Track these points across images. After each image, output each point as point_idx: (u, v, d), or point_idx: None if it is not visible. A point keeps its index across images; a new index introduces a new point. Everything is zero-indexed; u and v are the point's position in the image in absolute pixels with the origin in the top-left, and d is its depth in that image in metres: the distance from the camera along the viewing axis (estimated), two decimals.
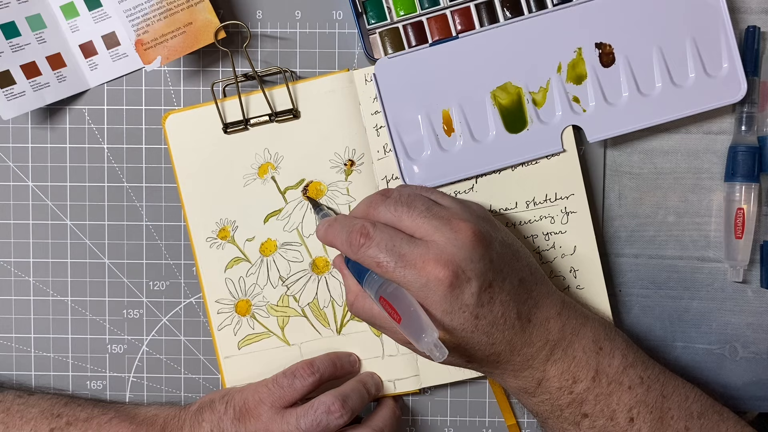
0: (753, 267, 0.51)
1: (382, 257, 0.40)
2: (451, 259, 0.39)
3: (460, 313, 0.40)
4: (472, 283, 0.40)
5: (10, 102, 0.48)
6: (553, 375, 0.43)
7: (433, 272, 0.39)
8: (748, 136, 0.49)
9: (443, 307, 0.40)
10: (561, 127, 0.49)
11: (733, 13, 0.49)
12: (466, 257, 0.40)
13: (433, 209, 0.42)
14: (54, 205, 0.52)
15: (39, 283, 0.52)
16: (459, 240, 0.40)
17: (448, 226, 0.41)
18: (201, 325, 0.52)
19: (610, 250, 0.51)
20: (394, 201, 0.43)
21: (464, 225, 0.41)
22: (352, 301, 0.44)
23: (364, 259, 0.41)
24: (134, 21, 0.47)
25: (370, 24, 0.49)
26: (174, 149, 0.50)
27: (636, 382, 0.43)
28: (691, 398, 0.44)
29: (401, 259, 0.40)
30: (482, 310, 0.40)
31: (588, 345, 0.43)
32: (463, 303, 0.40)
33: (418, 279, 0.39)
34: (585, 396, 0.43)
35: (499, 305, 0.41)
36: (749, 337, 0.51)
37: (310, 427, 0.45)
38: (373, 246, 0.41)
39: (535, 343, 0.42)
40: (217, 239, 0.50)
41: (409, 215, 0.42)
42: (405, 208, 0.42)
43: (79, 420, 0.47)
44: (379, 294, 0.40)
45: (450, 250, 0.40)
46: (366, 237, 0.41)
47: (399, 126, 0.49)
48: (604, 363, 0.43)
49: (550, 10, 0.49)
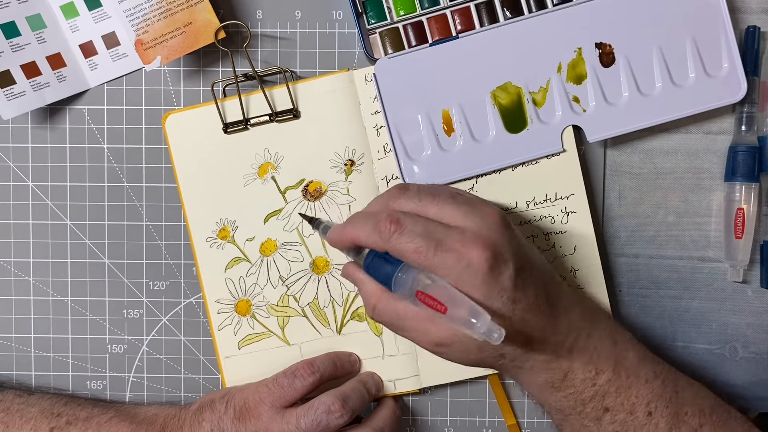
0: (753, 267, 0.51)
1: (419, 241, 0.38)
2: (490, 242, 0.38)
3: (499, 297, 0.38)
4: (509, 265, 0.39)
5: (10, 102, 0.48)
6: (578, 366, 0.42)
7: (474, 254, 0.38)
8: (748, 136, 0.49)
9: (482, 291, 0.38)
10: (561, 127, 0.49)
11: (733, 13, 0.49)
12: (500, 239, 0.39)
13: (458, 197, 0.41)
14: (54, 205, 0.52)
15: (39, 283, 0.52)
16: (491, 223, 0.40)
17: (477, 211, 0.40)
18: (201, 325, 0.52)
19: (610, 250, 0.51)
20: (417, 191, 0.42)
21: (491, 209, 0.41)
22: (374, 304, 0.41)
23: (398, 247, 0.39)
24: (134, 21, 0.47)
25: (370, 24, 0.49)
26: (174, 149, 0.50)
27: (651, 376, 0.43)
28: (701, 395, 0.44)
29: (440, 244, 0.38)
30: (518, 294, 0.39)
31: (605, 336, 0.43)
32: (502, 286, 0.38)
33: (458, 263, 0.38)
34: (607, 388, 0.42)
35: (533, 288, 0.40)
36: (749, 337, 0.51)
37: (311, 426, 0.45)
38: (406, 232, 0.39)
39: (562, 331, 0.41)
40: (217, 239, 0.50)
41: (435, 203, 0.41)
42: (430, 197, 0.41)
43: (79, 419, 0.47)
44: (415, 288, 0.38)
45: (485, 233, 0.39)
46: (397, 224, 0.39)
47: (399, 126, 0.49)
48: (621, 355, 0.43)
49: (550, 10, 0.49)
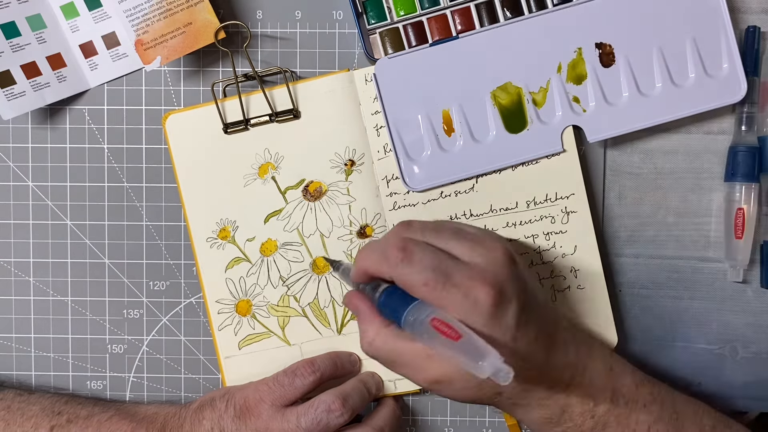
0: (753, 267, 0.51)
1: (428, 274, 0.37)
2: (496, 279, 0.38)
3: (502, 335, 0.38)
4: (514, 303, 0.38)
5: (10, 102, 0.48)
6: (575, 400, 0.42)
7: (481, 291, 0.37)
8: (748, 136, 0.49)
9: (487, 328, 0.37)
10: (561, 127, 0.49)
11: (733, 13, 0.49)
12: (505, 277, 0.38)
13: (461, 233, 0.41)
14: (54, 205, 0.52)
15: (39, 283, 0.52)
16: (496, 259, 0.39)
17: (482, 246, 0.40)
18: (201, 325, 0.52)
19: (610, 250, 0.51)
20: (421, 227, 0.41)
21: (496, 244, 0.40)
22: (371, 338, 0.40)
23: (407, 277, 0.38)
24: (134, 21, 0.47)
25: (370, 24, 0.49)
26: (174, 149, 0.50)
27: (649, 400, 0.43)
28: (700, 413, 0.44)
29: (449, 278, 0.37)
30: (521, 332, 0.38)
31: (602, 366, 0.43)
32: (505, 324, 0.38)
33: (466, 299, 0.37)
34: (607, 418, 0.42)
35: (534, 326, 0.39)
36: (749, 337, 0.51)
37: (311, 425, 0.45)
38: (416, 262, 0.38)
39: (559, 367, 0.41)
40: (217, 239, 0.50)
41: (439, 239, 0.40)
42: (433, 232, 0.40)
43: (79, 417, 0.47)
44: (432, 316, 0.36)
45: (492, 269, 0.38)
46: (404, 251, 0.38)
47: (399, 126, 0.49)
48: (618, 383, 0.43)
49: (550, 10, 0.49)
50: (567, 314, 0.49)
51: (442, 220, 0.44)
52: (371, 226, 0.50)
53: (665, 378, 0.48)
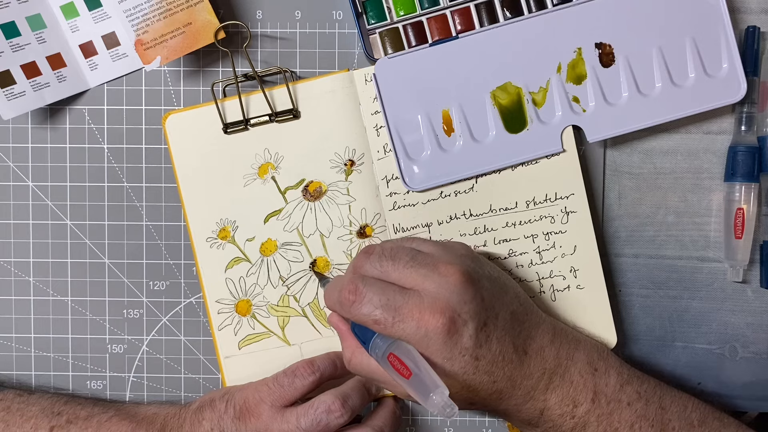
0: (753, 267, 0.51)
1: (378, 314, 0.40)
2: (446, 305, 0.39)
3: (461, 357, 0.40)
4: (469, 325, 0.40)
5: (10, 102, 0.48)
6: (554, 403, 0.43)
7: (431, 322, 0.39)
8: (748, 136, 0.49)
9: (443, 354, 0.40)
10: (561, 127, 0.49)
11: (733, 13, 0.49)
12: (459, 300, 0.40)
13: (418, 257, 0.42)
14: (54, 205, 0.52)
15: (39, 283, 0.52)
16: (449, 284, 0.40)
17: (436, 271, 0.41)
18: (201, 325, 0.52)
19: (610, 250, 0.51)
20: (378, 256, 0.42)
21: (451, 268, 0.41)
22: (349, 357, 0.44)
23: (358, 317, 0.41)
24: (134, 21, 0.47)
25: (370, 24, 0.49)
26: (174, 149, 0.50)
27: (634, 398, 0.44)
28: (689, 407, 0.45)
29: (398, 312, 0.40)
30: (481, 351, 0.40)
31: (583, 368, 0.44)
32: (462, 347, 0.40)
33: (417, 331, 0.39)
34: (587, 418, 0.43)
35: (496, 342, 0.41)
36: (749, 337, 0.51)
37: (311, 426, 0.45)
38: (365, 303, 0.40)
39: (534, 374, 0.42)
40: (217, 239, 0.50)
41: (395, 267, 0.42)
42: (390, 261, 0.42)
43: (79, 418, 0.47)
44: (389, 351, 0.39)
45: (443, 295, 0.40)
46: (355, 293, 0.41)
47: (399, 126, 0.49)
48: (601, 383, 0.44)
49: (550, 10, 0.49)
50: (566, 314, 0.50)
51: (401, 242, 0.45)
52: (371, 226, 0.50)
53: (665, 378, 0.48)
